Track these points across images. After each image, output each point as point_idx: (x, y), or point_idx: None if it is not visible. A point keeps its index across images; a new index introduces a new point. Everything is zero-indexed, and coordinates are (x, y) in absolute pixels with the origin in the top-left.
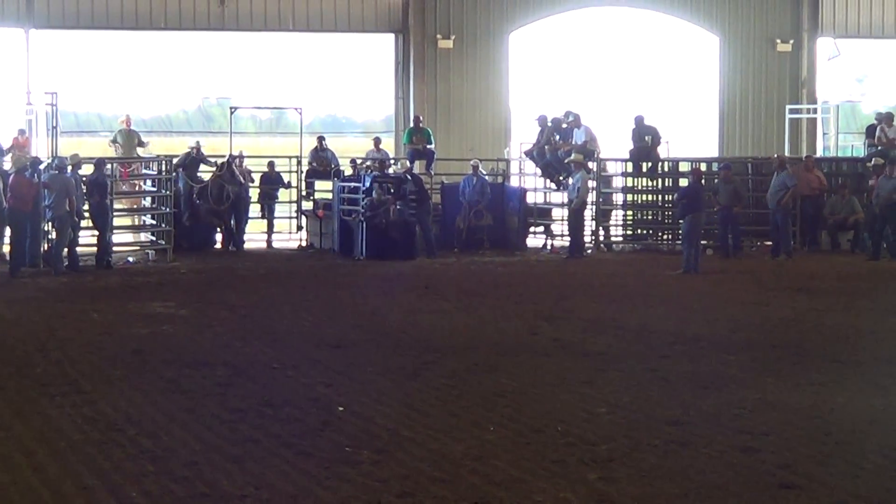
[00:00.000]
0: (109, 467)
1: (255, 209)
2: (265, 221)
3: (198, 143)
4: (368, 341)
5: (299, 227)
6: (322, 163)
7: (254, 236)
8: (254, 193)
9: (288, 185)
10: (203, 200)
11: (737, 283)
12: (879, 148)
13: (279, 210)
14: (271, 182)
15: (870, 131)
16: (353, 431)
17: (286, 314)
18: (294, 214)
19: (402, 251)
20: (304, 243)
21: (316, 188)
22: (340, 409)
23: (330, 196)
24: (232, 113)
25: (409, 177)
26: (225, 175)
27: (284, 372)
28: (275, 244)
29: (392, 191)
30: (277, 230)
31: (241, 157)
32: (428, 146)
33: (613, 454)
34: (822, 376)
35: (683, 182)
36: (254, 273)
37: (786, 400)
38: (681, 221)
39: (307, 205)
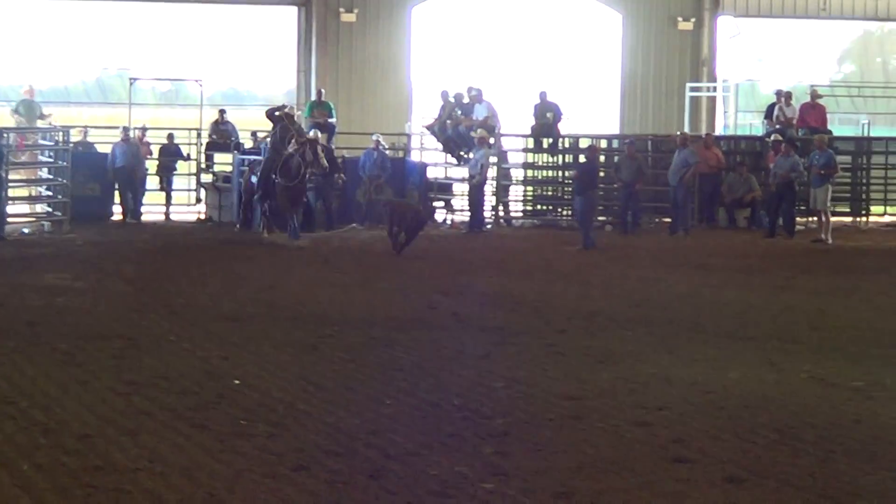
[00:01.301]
0: (1, 440)
1: (153, 181)
2: (163, 194)
3: None
4: (266, 315)
5: (198, 200)
6: (222, 136)
7: (152, 209)
8: (152, 166)
9: (187, 158)
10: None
11: (635, 259)
12: (777, 126)
13: (178, 182)
14: (170, 154)
15: (769, 110)
16: (248, 405)
17: (183, 287)
18: (193, 187)
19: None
20: (202, 216)
21: (215, 161)
22: (236, 382)
23: (230, 169)
24: (131, 84)
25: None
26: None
27: (180, 345)
28: (173, 217)
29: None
30: (176, 202)
31: (143, 129)
32: (329, 119)
33: (509, 428)
34: (716, 352)
35: (584, 159)
36: (151, 245)
37: (681, 375)
38: (578, 198)
39: (206, 177)
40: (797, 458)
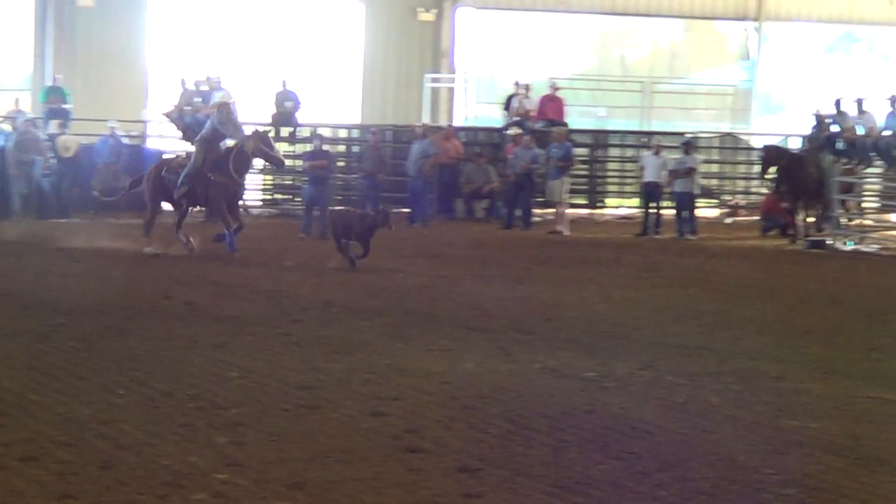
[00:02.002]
0: None
1: None
2: None
3: None
4: None
5: None
6: None
7: None
8: None
9: None
10: None
11: (373, 249)
12: (516, 118)
13: None
14: None
15: (507, 102)
16: None
17: None
18: None
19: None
20: None
21: None
22: None
23: None
24: None
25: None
26: None
27: None
28: None
29: None
30: None
31: None
32: (64, 106)
33: (243, 418)
34: (451, 342)
35: (325, 148)
36: None
37: (416, 365)
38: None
39: None
40: (530, 447)
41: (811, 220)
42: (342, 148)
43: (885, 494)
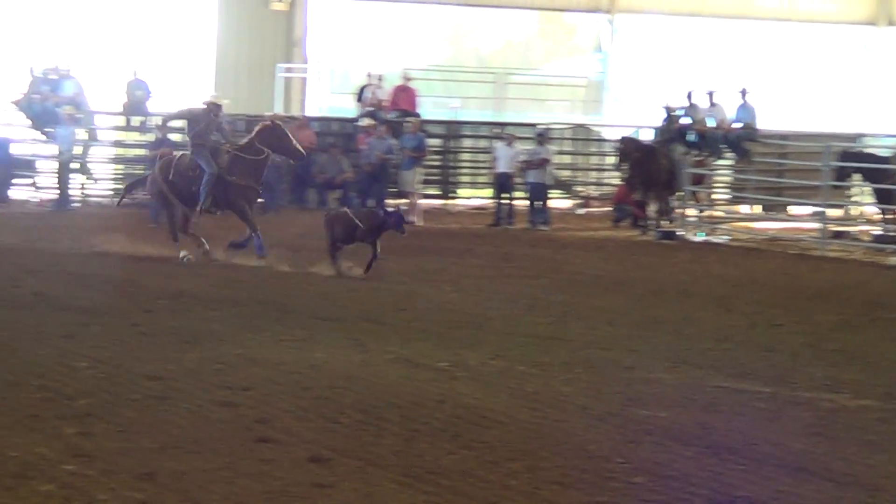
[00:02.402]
0: None
1: None
2: None
3: None
4: None
5: None
6: None
7: None
8: None
9: None
10: None
11: (225, 239)
12: (369, 109)
13: None
14: None
15: (360, 92)
16: None
17: None
18: None
19: None
20: None
21: None
22: None
23: None
24: None
25: None
26: None
27: None
28: None
29: None
30: None
31: None
32: None
33: (92, 409)
34: (303, 332)
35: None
36: None
37: (267, 355)
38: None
39: None
40: (381, 437)
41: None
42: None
43: (732, 482)
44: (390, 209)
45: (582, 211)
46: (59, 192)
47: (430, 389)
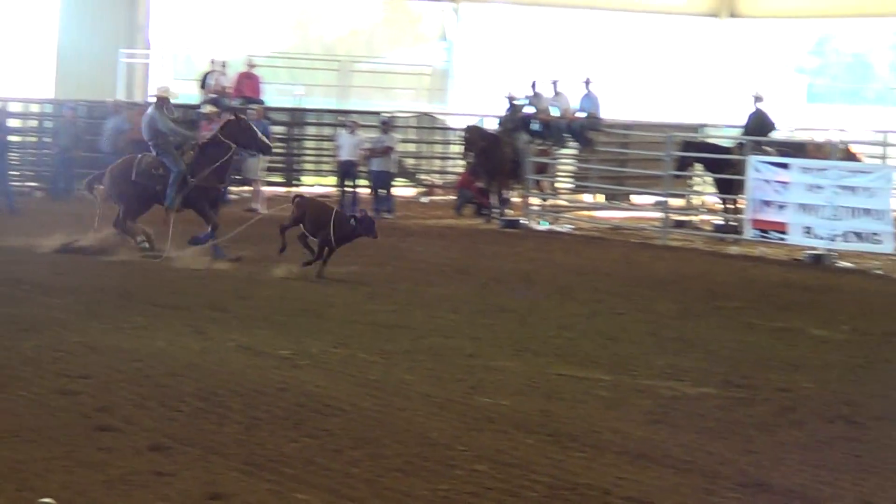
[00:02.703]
0: None
1: None
2: None
3: None
4: None
5: None
6: None
7: None
8: None
9: None
10: None
11: (62, 224)
12: (213, 96)
13: None
14: None
15: (203, 79)
16: None
17: None
18: None
19: None
20: None
21: None
22: None
23: None
24: None
25: None
26: None
27: None
28: None
29: None
30: None
31: None
32: None
33: None
34: (144, 320)
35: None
36: None
37: (108, 343)
38: None
39: None
40: (223, 425)
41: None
42: (34, 123)
43: (574, 470)
44: (362, 215)
45: (426, 199)
46: None
47: (271, 377)
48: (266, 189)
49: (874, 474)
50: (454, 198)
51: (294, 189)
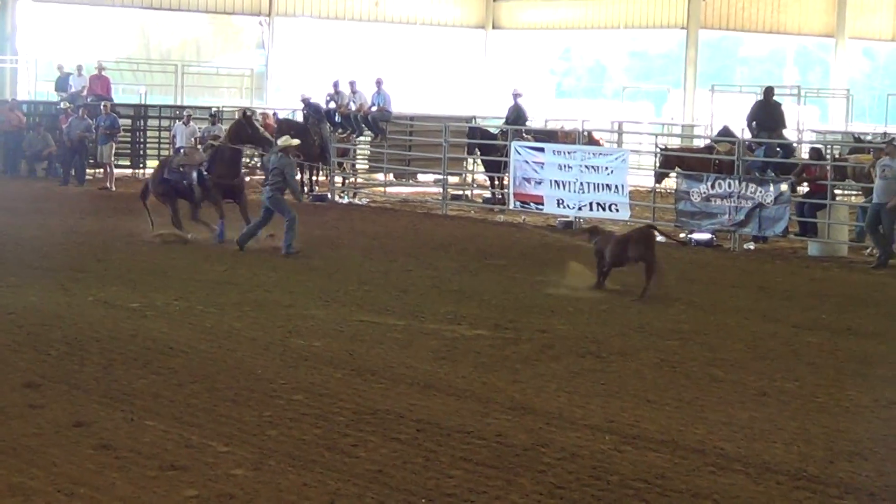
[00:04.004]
0: None
1: None
2: None
3: None
4: None
5: None
6: None
7: None
8: None
9: None
10: None
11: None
12: (70, 94)
13: None
14: None
15: (59, 82)
16: None
17: None
18: None
19: None
20: None
21: None
22: None
23: None
24: None
25: None
26: None
27: None
28: None
29: None
30: None
31: None
32: None
33: None
34: (17, 279)
35: None
36: None
37: None
38: None
39: None
40: (84, 365)
41: (315, 178)
42: None
43: (374, 398)
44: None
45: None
46: None
47: (124, 326)
48: (116, 171)
49: (617, 399)
50: None
51: (139, 171)
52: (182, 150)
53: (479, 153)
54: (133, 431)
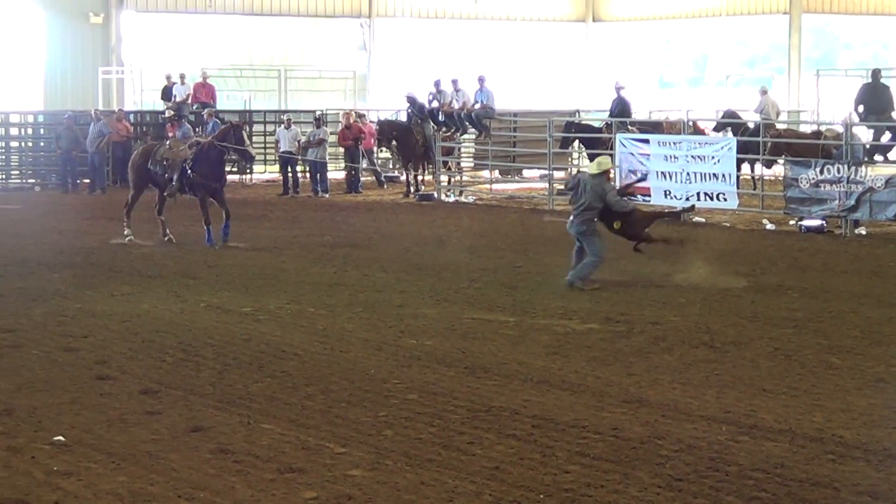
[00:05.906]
0: None
1: None
2: None
3: None
4: None
5: None
6: None
7: None
8: None
9: None
10: None
11: (62, 214)
12: (173, 103)
13: None
14: None
15: (165, 91)
16: None
17: None
18: None
19: None
20: None
21: None
22: None
23: None
24: None
25: None
26: None
27: None
28: None
29: None
30: None
31: None
32: None
33: None
34: (131, 288)
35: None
36: None
37: (102, 308)
38: None
39: None
40: (200, 371)
41: (421, 178)
42: (31, 130)
43: (488, 395)
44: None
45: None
46: None
47: (237, 330)
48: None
49: (732, 388)
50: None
51: (245, 176)
52: (168, 143)
53: (583, 148)
54: (250, 435)
